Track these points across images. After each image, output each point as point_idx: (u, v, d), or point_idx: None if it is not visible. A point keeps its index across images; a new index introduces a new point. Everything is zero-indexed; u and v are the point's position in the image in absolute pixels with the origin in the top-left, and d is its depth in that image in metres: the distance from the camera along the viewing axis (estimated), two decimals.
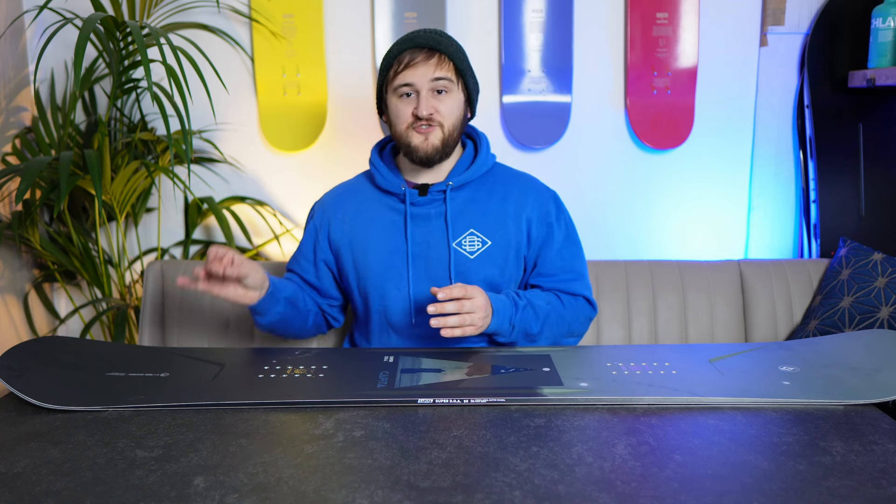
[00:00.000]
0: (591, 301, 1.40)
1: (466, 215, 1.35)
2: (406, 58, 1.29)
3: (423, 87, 1.29)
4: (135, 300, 1.97)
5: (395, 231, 1.35)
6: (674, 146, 2.02)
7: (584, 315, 1.39)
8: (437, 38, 1.30)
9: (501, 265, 1.35)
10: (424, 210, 1.35)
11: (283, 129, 2.01)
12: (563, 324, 1.35)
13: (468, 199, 1.36)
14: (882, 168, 1.96)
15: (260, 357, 1.18)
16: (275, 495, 0.76)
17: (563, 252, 1.39)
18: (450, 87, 1.31)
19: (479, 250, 1.34)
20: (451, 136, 1.32)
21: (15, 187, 1.91)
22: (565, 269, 1.38)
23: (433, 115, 1.29)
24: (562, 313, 1.34)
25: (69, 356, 1.15)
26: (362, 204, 1.40)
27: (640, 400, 1.00)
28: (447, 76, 1.30)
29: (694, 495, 0.75)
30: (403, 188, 1.35)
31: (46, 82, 2.00)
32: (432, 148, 1.31)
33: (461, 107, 1.34)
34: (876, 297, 1.57)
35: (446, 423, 0.93)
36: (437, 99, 1.30)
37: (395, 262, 1.34)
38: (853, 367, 1.10)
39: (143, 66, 1.48)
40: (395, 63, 1.31)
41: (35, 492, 0.77)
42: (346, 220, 1.39)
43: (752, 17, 2.00)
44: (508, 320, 1.27)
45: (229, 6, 1.95)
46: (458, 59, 1.31)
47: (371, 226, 1.37)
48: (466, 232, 1.34)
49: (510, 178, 1.41)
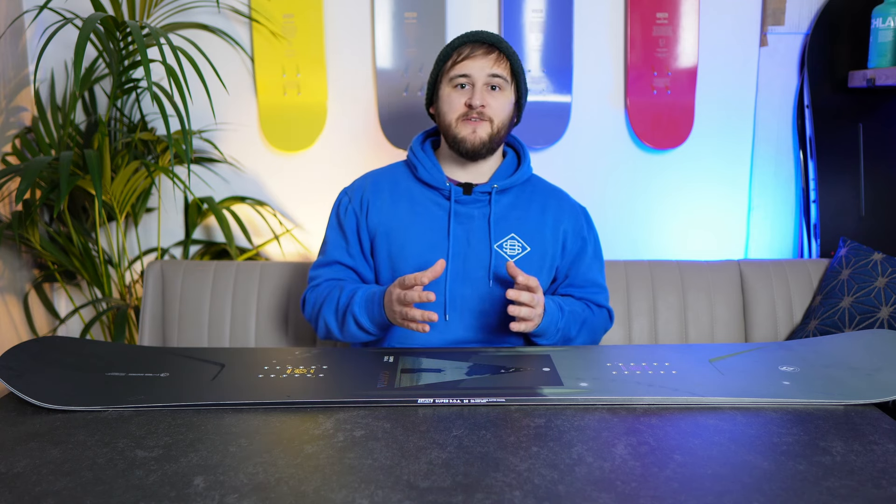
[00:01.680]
0: (611, 313, 1.46)
1: (509, 220, 1.37)
2: (466, 50, 1.32)
3: (479, 79, 1.32)
4: (135, 300, 1.97)
5: (437, 226, 1.35)
6: (674, 146, 2.02)
7: (605, 326, 1.45)
8: (497, 37, 1.34)
9: (537, 272, 1.37)
10: (467, 209, 1.36)
11: (283, 129, 2.01)
12: (591, 331, 1.40)
13: (510, 205, 1.38)
14: (882, 168, 1.96)
15: (260, 357, 1.18)
16: (275, 495, 0.76)
17: (592, 265, 1.44)
18: (504, 86, 1.33)
19: (518, 255, 1.36)
20: (498, 133, 1.34)
21: (15, 187, 1.91)
22: (593, 282, 1.43)
23: (485, 108, 1.31)
24: (592, 321, 1.40)
25: (69, 356, 1.15)
26: (401, 194, 1.39)
27: (640, 400, 1.00)
28: (503, 74, 1.33)
29: (694, 495, 0.75)
30: (449, 184, 1.35)
31: (46, 82, 2.00)
32: (479, 141, 1.32)
33: (511, 107, 1.36)
34: (876, 297, 1.57)
35: (446, 423, 0.93)
36: (490, 94, 1.33)
37: (433, 257, 1.33)
38: (853, 367, 1.10)
39: (143, 66, 1.48)
40: (454, 54, 1.33)
41: (35, 492, 0.77)
42: (383, 208, 1.38)
43: (752, 17, 2.00)
44: (555, 323, 1.30)
45: (229, 6, 1.95)
46: (515, 61, 1.35)
47: (411, 217, 1.36)
48: (508, 236, 1.36)
49: (547, 190, 1.45)
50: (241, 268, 1.69)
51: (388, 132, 2.00)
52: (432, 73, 1.38)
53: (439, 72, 1.36)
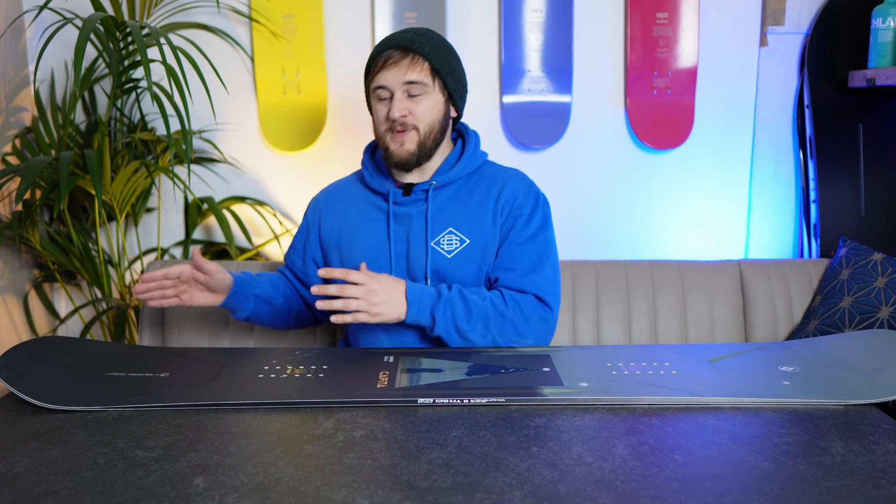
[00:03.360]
0: (543, 299, 1.30)
1: (446, 214, 1.33)
2: (381, 59, 1.28)
3: (396, 88, 1.27)
4: (135, 300, 1.97)
5: (379, 230, 1.35)
6: (674, 146, 2.02)
7: (536, 315, 1.28)
8: (411, 37, 1.27)
9: (479, 264, 1.33)
10: (407, 209, 1.35)
11: (283, 129, 2.01)
12: (504, 323, 1.26)
13: (450, 198, 1.34)
14: (882, 168, 1.96)
15: (260, 357, 1.18)
16: (275, 495, 0.76)
17: (525, 247, 1.32)
18: (423, 90, 1.28)
19: (456, 249, 1.32)
20: (428, 139, 1.31)
21: (15, 187, 1.91)
22: (523, 265, 1.30)
23: (407, 117, 1.28)
24: (503, 311, 1.26)
25: (69, 356, 1.15)
26: (351, 202, 1.40)
27: (640, 400, 1.00)
28: (419, 79, 1.27)
29: (694, 495, 0.75)
30: (388, 187, 1.35)
31: (46, 82, 2.00)
32: (406, 153, 1.30)
33: (440, 107, 1.31)
34: (876, 297, 1.57)
35: (446, 423, 0.93)
36: (411, 101, 1.28)
37: (378, 260, 1.34)
38: (853, 367, 1.10)
39: (143, 66, 1.48)
40: (373, 64, 1.30)
41: (35, 492, 0.77)
42: (335, 217, 1.40)
43: (752, 17, 2.00)
44: (429, 311, 1.24)
45: (229, 6, 1.95)
46: (436, 59, 1.28)
47: (358, 224, 1.38)
48: (445, 231, 1.33)
49: (497, 175, 1.37)
50: (241, 268, 1.69)
51: None
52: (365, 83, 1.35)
53: (366, 82, 1.33)
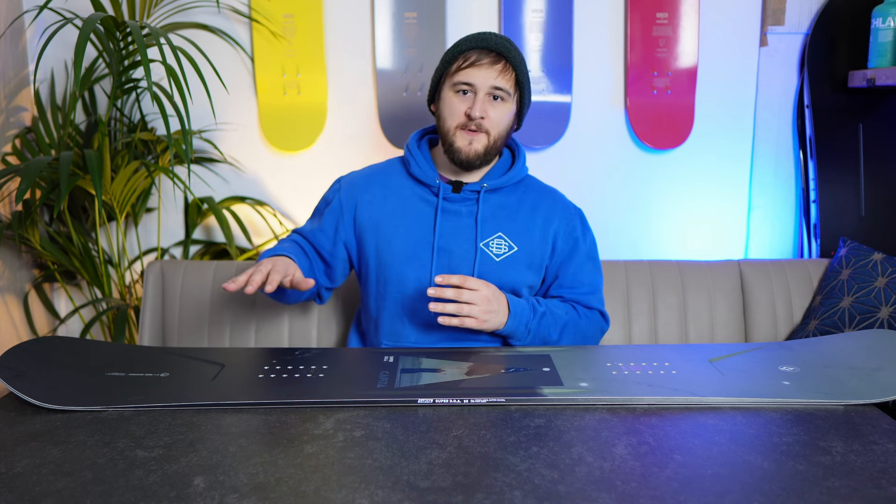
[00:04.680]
0: (605, 315, 1.44)
1: (497, 219, 1.37)
2: (473, 56, 1.30)
3: (481, 89, 1.30)
4: (135, 300, 1.97)
5: (424, 221, 1.36)
6: (674, 146, 2.02)
7: (598, 327, 1.42)
8: (506, 45, 1.31)
9: (524, 272, 1.37)
10: (455, 207, 1.36)
11: (283, 129, 2.01)
12: (578, 334, 1.38)
13: (500, 204, 1.37)
14: (882, 168, 1.96)
15: (260, 357, 1.18)
16: (275, 495, 0.76)
17: (584, 266, 1.42)
18: (506, 97, 1.32)
19: (505, 254, 1.35)
20: (495, 145, 1.33)
21: (15, 187, 1.91)
22: (584, 283, 1.41)
23: (484, 119, 1.30)
24: (578, 323, 1.37)
25: (69, 356, 1.15)
26: (393, 189, 1.40)
27: (640, 400, 1.00)
28: (506, 87, 1.30)
29: (694, 495, 0.75)
30: (438, 181, 1.36)
31: (46, 82, 2.00)
32: (475, 153, 1.32)
33: (511, 117, 1.35)
34: (876, 297, 1.57)
35: (446, 423, 0.93)
36: (491, 105, 1.31)
37: (419, 251, 1.34)
38: (853, 367, 1.10)
39: (143, 66, 1.48)
40: (460, 58, 1.31)
41: (35, 492, 0.77)
42: (374, 202, 1.39)
43: (752, 17, 2.00)
44: (525, 325, 1.29)
45: (229, 6, 1.95)
46: (521, 72, 1.32)
47: (400, 212, 1.37)
48: (495, 235, 1.36)
49: (541, 190, 1.43)
50: (241, 268, 1.69)
51: (387, 132, 2.00)
52: (437, 71, 1.37)
53: (444, 72, 1.34)
